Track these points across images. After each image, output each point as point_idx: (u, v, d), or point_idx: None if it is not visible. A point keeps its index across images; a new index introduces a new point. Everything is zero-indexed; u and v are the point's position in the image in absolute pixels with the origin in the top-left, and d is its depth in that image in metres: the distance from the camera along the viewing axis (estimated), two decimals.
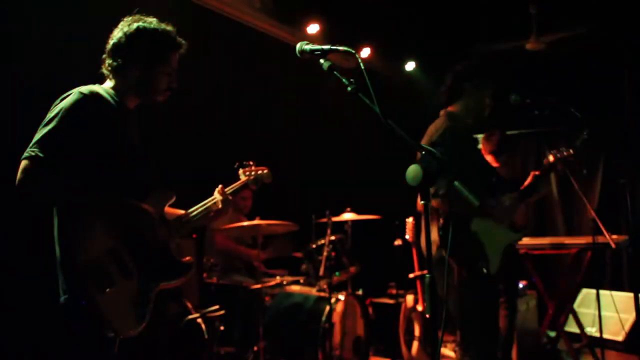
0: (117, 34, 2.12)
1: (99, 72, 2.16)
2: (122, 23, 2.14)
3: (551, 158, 2.97)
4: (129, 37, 2.09)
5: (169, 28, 2.17)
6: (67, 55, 3.50)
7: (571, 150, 2.98)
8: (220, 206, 2.32)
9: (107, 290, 1.86)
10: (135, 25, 2.11)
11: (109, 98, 2.06)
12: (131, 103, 2.19)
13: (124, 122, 2.11)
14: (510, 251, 2.96)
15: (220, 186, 2.39)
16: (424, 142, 2.87)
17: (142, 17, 2.15)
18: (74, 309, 1.87)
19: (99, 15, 2.23)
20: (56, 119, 1.90)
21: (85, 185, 1.92)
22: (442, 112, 2.99)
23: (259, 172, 2.55)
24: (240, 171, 2.55)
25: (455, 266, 2.73)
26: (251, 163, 2.58)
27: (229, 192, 2.38)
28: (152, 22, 2.14)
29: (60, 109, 1.93)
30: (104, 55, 2.14)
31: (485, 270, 2.73)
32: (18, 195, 1.85)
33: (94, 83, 2.12)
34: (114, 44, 2.11)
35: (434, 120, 3.04)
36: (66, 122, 1.90)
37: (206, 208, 2.31)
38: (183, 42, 2.21)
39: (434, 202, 2.73)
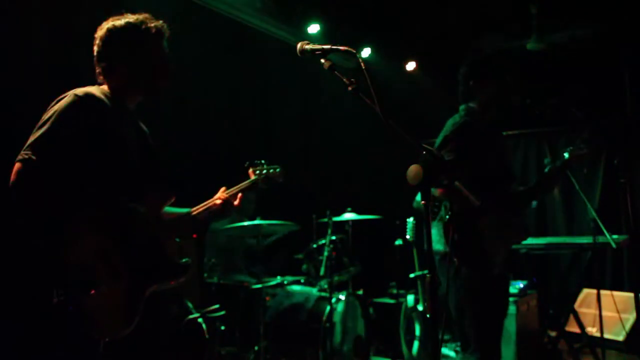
0: (95, 42, 2.13)
1: (96, 82, 2.16)
2: (97, 31, 2.14)
3: (566, 155, 2.97)
4: (104, 40, 2.10)
5: (141, 18, 2.15)
6: (67, 54, 3.50)
7: (586, 149, 2.97)
8: (221, 206, 2.30)
9: (92, 291, 1.85)
10: (105, 27, 2.11)
11: (104, 99, 2.06)
12: (132, 102, 2.18)
13: (121, 122, 2.10)
14: (512, 252, 2.96)
15: (223, 188, 2.37)
16: (440, 136, 2.87)
17: (114, 17, 2.14)
18: (60, 309, 1.85)
19: (100, 14, 2.22)
20: (50, 122, 1.89)
21: (78, 188, 1.91)
22: (460, 108, 3.00)
23: (271, 171, 2.51)
24: (250, 170, 2.51)
25: (459, 264, 2.72)
26: (262, 162, 2.54)
27: (235, 191, 2.35)
28: (121, 18, 2.13)
29: (55, 112, 1.92)
30: (95, 67, 2.15)
31: (488, 269, 2.72)
32: (11, 196, 1.85)
33: (92, 84, 2.13)
34: (96, 52, 2.13)
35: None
36: (61, 124, 1.90)
37: (208, 208, 2.29)
38: (160, 25, 2.17)
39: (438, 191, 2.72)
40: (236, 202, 2.33)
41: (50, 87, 2.24)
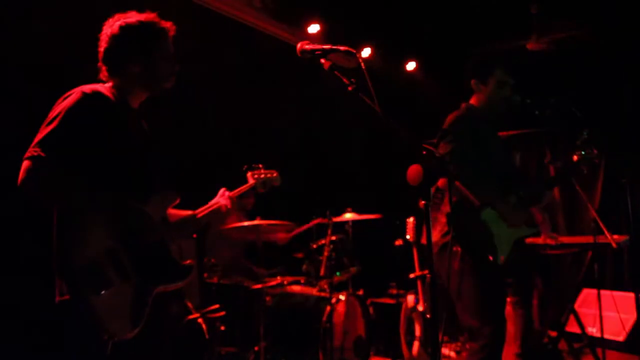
0: (103, 39, 2.12)
1: (98, 79, 2.15)
2: (104, 28, 2.13)
3: (575, 158, 2.98)
4: (116, 38, 2.09)
5: (151, 16, 2.16)
6: (68, 52, 3.50)
7: (595, 151, 2.98)
8: (224, 209, 2.31)
9: (103, 292, 1.85)
10: (117, 25, 2.10)
11: (111, 97, 2.06)
12: (135, 101, 2.18)
13: (127, 121, 2.10)
14: (523, 246, 2.96)
15: (223, 189, 2.37)
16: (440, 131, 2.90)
17: (121, 15, 2.14)
18: (69, 310, 1.86)
19: (102, 12, 2.22)
20: (59, 119, 1.89)
21: (87, 186, 1.91)
22: (462, 105, 3.04)
23: (268, 175, 2.53)
24: (249, 174, 2.51)
25: (461, 253, 2.73)
26: (260, 166, 2.55)
27: (236, 195, 2.36)
28: (132, 16, 2.13)
29: (63, 109, 1.92)
30: (99, 64, 2.14)
31: (491, 259, 2.73)
32: (19, 195, 1.84)
33: (96, 82, 2.12)
34: (105, 50, 2.11)
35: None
36: (69, 122, 1.89)
37: (212, 210, 2.30)
38: (169, 24, 2.19)
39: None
40: (229, 208, 2.33)
41: (50, 86, 2.24)
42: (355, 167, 6.39)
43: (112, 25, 2.11)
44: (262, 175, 2.51)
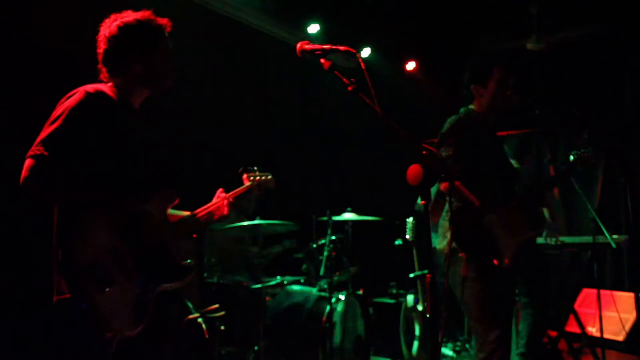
0: (102, 40, 2.11)
1: (99, 79, 2.15)
2: (102, 29, 2.12)
3: (572, 158, 2.99)
4: (115, 39, 2.08)
5: (147, 14, 2.15)
6: (70, 52, 3.50)
7: (591, 150, 2.99)
8: (224, 211, 2.31)
9: (107, 290, 1.86)
10: (115, 25, 2.09)
11: (114, 97, 2.06)
12: (137, 100, 2.18)
13: (130, 121, 2.11)
14: (531, 248, 2.95)
15: (221, 189, 2.38)
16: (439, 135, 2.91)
17: (117, 15, 2.13)
18: (72, 308, 1.86)
19: (103, 11, 2.22)
20: (62, 118, 1.89)
21: (89, 185, 1.91)
22: (461, 110, 3.05)
23: (263, 178, 2.53)
24: (245, 176, 2.52)
25: (466, 259, 2.73)
26: (255, 169, 2.56)
27: (232, 197, 2.37)
28: (128, 15, 2.13)
29: (67, 108, 1.92)
30: (99, 66, 2.13)
31: (496, 263, 2.72)
32: (21, 194, 1.84)
33: (98, 81, 2.12)
34: (105, 52, 2.11)
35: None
36: (72, 121, 1.90)
37: (212, 211, 2.30)
38: (166, 21, 2.19)
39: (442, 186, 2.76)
40: (226, 211, 2.33)
41: (50, 85, 2.24)
42: (355, 167, 6.40)
43: (109, 26, 2.11)
44: (258, 178, 2.51)
